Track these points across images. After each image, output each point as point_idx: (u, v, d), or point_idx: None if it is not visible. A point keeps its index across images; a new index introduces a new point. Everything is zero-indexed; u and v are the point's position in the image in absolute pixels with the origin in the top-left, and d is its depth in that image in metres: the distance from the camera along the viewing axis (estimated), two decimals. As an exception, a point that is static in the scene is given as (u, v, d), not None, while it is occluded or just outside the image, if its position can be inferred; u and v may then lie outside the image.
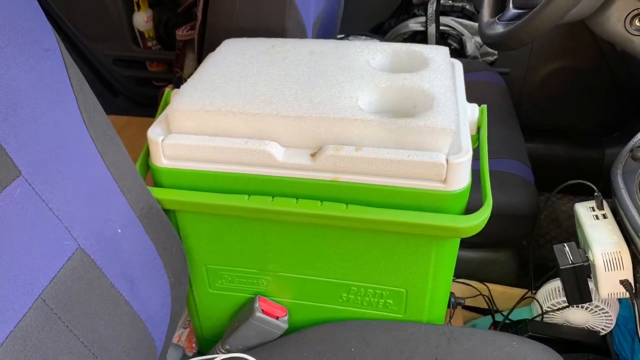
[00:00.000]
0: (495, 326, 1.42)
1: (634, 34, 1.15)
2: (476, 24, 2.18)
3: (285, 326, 1.07)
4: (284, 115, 0.89)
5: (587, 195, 1.17)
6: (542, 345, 0.98)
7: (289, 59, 1.05)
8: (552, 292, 1.31)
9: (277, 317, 1.07)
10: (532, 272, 1.41)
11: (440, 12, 2.18)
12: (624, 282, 1.05)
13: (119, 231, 0.80)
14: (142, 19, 2.26)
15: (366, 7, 2.34)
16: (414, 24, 2.23)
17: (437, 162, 0.84)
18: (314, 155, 0.89)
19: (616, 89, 2.12)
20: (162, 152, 0.94)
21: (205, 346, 1.25)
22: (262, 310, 1.05)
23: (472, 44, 2.17)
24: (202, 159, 0.93)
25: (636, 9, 1.13)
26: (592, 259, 1.07)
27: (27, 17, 0.66)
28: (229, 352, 1.10)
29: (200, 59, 1.42)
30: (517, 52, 2.10)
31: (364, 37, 2.31)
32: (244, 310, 1.09)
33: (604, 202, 1.13)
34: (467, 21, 2.20)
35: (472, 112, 1.02)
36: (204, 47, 1.38)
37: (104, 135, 0.79)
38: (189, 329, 1.35)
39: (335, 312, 1.07)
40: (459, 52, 2.21)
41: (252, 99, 0.92)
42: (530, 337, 1.27)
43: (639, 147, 1.09)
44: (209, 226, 1.00)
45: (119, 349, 0.79)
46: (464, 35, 2.19)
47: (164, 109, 1.04)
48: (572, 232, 2.05)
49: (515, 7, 1.31)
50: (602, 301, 1.25)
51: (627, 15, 1.14)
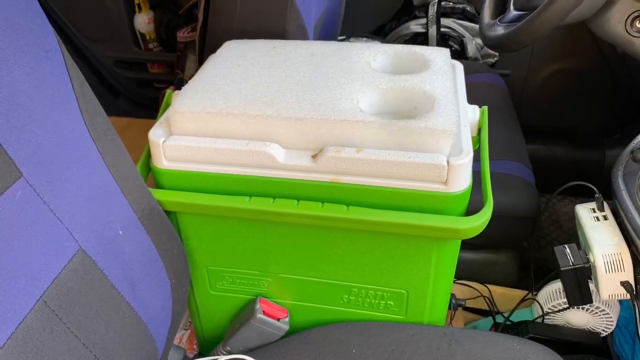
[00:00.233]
0: (496, 327, 1.42)
1: (634, 36, 1.14)
2: (477, 26, 2.18)
3: (286, 327, 1.07)
4: (285, 116, 0.89)
5: (587, 196, 1.17)
6: (542, 346, 0.98)
7: (290, 60, 1.05)
8: (552, 293, 1.31)
9: (278, 319, 1.07)
10: (532, 274, 1.41)
11: (441, 13, 2.18)
12: (625, 284, 1.05)
13: (120, 233, 0.80)
14: (143, 21, 2.25)
15: (367, 9, 2.34)
16: (415, 26, 2.23)
17: (438, 163, 0.84)
18: (315, 156, 0.89)
19: (617, 91, 2.12)
20: (163, 154, 0.94)
21: (206, 347, 1.25)
22: (263, 311, 1.05)
23: (472, 45, 2.17)
24: (203, 161, 0.93)
25: (637, 11, 1.13)
26: (592, 261, 1.07)
27: (28, 19, 0.66)
28: (230, 353, 1.10)
29: (201, 61, 1.42)
30: (518, 54, 2.10)
31: (365, 38, 2.31)
32: (245, 311, 1.09)
33: (605, 204, 1.13)
34: (468, 23, 2.20)
35: (473, 113, 1.02)
36: (205, 49, 1.38)
37: (105, 136, 0.79)
38: (190, 331, 1.35)
39: (336, 314, 1.07)
40: (459, 53, 2.21)
41: (253, 100, 0.93)
42: (531, 338, 1.27)
43: (640, 148, 1.09)
44: (210, 228, 1.00)
45: (120, 350, 0.79)
46: (464, 36, 2.19)
47: (165, 110, 1.04)
48: (572, 234, 2.05)
49: (516, 8, 1.32)
50: (602, 302, 1.25)
51: (628, 16, 1.14)
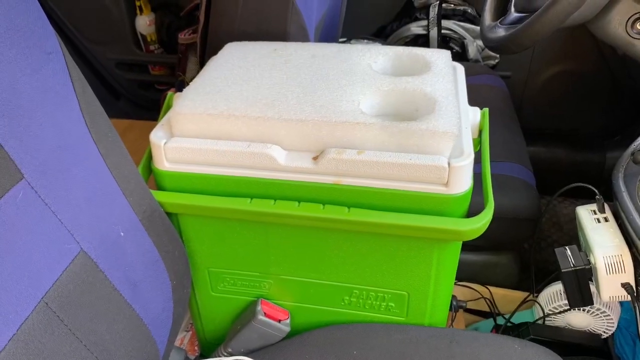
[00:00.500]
0: (497, 329, 1.42)
1: (635, 38, 1.15)
2: (478, 28, 2.18)
3: (287, 329, 1.07)
4: (286, 118, 0.89)
5: (588, 198, 1.17)
6: (543, 348, 0.98)
7: (291, 62, 1.05)
8: (553, 295, 1.31)
9: (280, 320, 1.07)
10: (533, 275, 1.41)
11: (442, 15, 2.18)
12: (626, 285, 1.05)
13: (122, 234, 0.80)
14: (144, 23, 2.26)
15: (368, 11, 2.34)
16: (416, 28, 2.23)
17: (439, 165, 0.84)
18: (316, 158, 0.89)
19: (617, 93, 2.12)
20: (165, 156, 0.94)
21: (207, 349, 1.25)
22: (265, 313, 1.05)
23: (473, 47, 2.17)
24: (204, 162, 0.93)
25: (637, 13, 1.13)
26: (593, 262, 1.07)
27: (30, 21, 0.66)
28: (231, 355, 1.10)
29: (202, 63, 1.42)
30: (519, 56, 2.10)
31: (366, 40, 2.31)
32: (246, 313, 1.09)
33: (606, 205, 1.13)
34: (468, 25, 2.20)
35: (474, 115, 1.02)
36: (207, 51, 1.38)
37: (107, 138, 0.79)
38: (191, 332, 1.35)
39: (337, 315, 1.07)
40: (460, 55, 2.21)
41: (255, 102, 0.93)
42: (531, 340, 1.27)
43: (640, 150, 1.09)
44: (211, 229, 1.01)
45: (122, 351, 0.79)
46: (465, 38, 2.19)
47: (166, 112, 1.04)
48: (573, 235, 2.05)
49: (516, 10, 1.32)
50: (603, 304, 1.25)
51: (629, 18, 1.14)
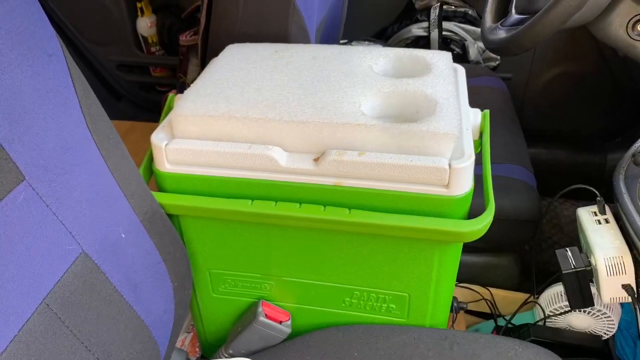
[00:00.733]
0: (497, 331, 1.42)
1: (636, 39, 1.15)
2: (479, 29, 2.18)
3: (288, 330, 1.08)
4: (287, 120, 0.89)
5: (589, 200, 1.17)
6: (544, 349, 0.98)
7: (292, 64, 1.05)
8: (554, 296, 1.31)
9: (281, 322, 1.07)
10: (534, 277, 1.41)
11: (442, 17, 2.18)
12: (626, 287, 1.05)
13: (123, 236, 0.80)
14: (145, 24, 2.26)
15: (369, 13, 2.34)
16: (417, 29, 2.23)
17: (440, 167, 0.84)
18: (317, 160, 0.89)
19: (618, 94, 2.12)
20: (166, 157, 0.94)
21: (208, 350, 1.25)
22: (266, 314, 1.05)
23: (474, 49, 2.17)
24: (205, 164, 0.93)
25: (638, 14, 1.13)
26: (594, 264, 1.07)
27: (31, 22, 0.66)
28: (232, 356, 1.10)
29: (203, 64, 1.42)
30: (520, 57, 2.10)
31: (366, 42, 2.31)
32: (248, 314, 1.09)
33: (606, 207, 1.13)
34: (469, 26, 2.20)
35: (475, 117, 1.02)
36: (207, 53, 1.39)
37: (108, 140, 0.79)
38: (192, 334, 1.35)
39: (338, 317, 1.07)
40: (461, 57, 2.21)
41: (256, 104, 0.93)
42: (532, 341, 1.27)
43: (641, 152, 1.09)
44: (212, 231, 1.01)
45: (123, 353, 0.79)
46: (466, 40, 2.19)
47: (167, 114, 1.04)
48: (574, 237, 2.05)
49: (517, 12, 1.32)
50: (604, 306, 1.25)
51: (630, 20, 1.14)
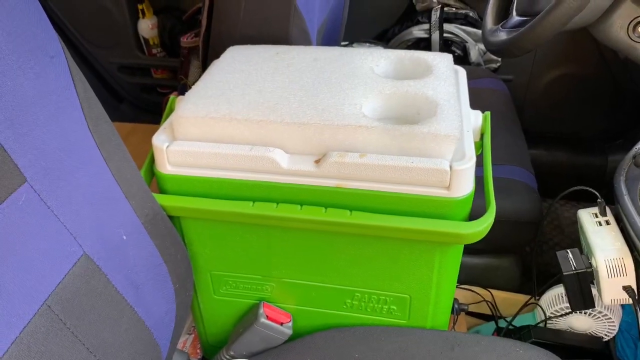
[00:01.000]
0: (498, 332, 1.42)
1: (636, 41, 1.15)
2: (480, 31, 2.18)
3: (289, 332, 1.08)
4: (289, 122, 0.89)
5: (590, 201, 1.17)
6: (545, 351, 0.98)
7: (293, 66, 1.06)
8: (555, 298, 1.31)
9: (282, 323, 1.07)
10: (535, 278, 1.41)
11: (444, 19, 2.19)
12: (627, 289, 1.05)
13: (124, 238, 0.80)
14: (147, 26, 2.26)
15: (370, 15, 2.34)
16: (418, 31, 2.23)
17: (441, 168, 0.84)
18: (318, 161, 0.90)
19: (619, 96, 2.12)
20: (167, 159, 0.94)
21: (209, 352, 1.25)
22: (267, 316, 1.05)
23: (475, 51, 2.17)
24: (206, 166, 0.93)
25: (639, 16, 1.13)
26: (595, 265, 1.07)
27: (32, 24, 0.66)
28: (234, 358, 1.11)
29: (204, 66, 1.42)
30: (521, 59, 2.10)
31: (367, 44, 2.31)
32: (249, 316, 1.09)
33: (607, 209, 1.13)
34: (470, 28, 2.20)
35: (476, 118, 1.03)
36: (209, 54, 1.39)
37: (109, 141, 0.79)
38: (193, 335, 1.35)
39: (339, 318, 1.07)
40: (462, 59, 2.21)
41: (257, 105, 0.93)
42: (533, 343, 1.27)
43: (642, 154, 1.09)
44: (213, 232, 1.01)
45: (124, 355, 0.79)
46: (467, 42, 2.19)
47: (168, 115, 1.04)
48: (575, 239, 2.04)
49: (518, 14, 1.32)
50: (605, 307, 1.25)
51: (630, 22, 1.14)
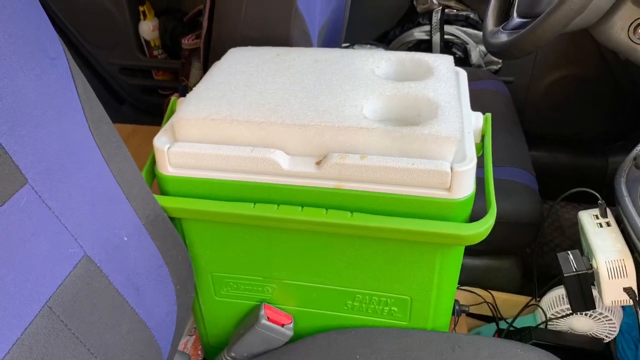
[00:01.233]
0: (499, 333, 1.42)
1: (637, 43, 1.15)
2: (480, 33, 2.17)
3: (290, 333, 1.08)
4: (290, 123, 0.89)
5: (590, 203, 1.17)
6: (546, 352, 0.98)
7: (294, 67, 1.06)
8: (556, 299, 1.31)
9: (283, 325, 1.07)
10: (536, 280, 1.41)
11: (444, 21, 2.19)
12: (628, 290, 1.05)
13: (125, 239, 0.80)
14: (148, 28, 2.26)
15: (371, 16, 2.34)
16: (419, 33, 2.23)
17: (442, 170, 0.84)
18: (319, 163, 0.90)
19: (620, 98, 2.12)
20: (168, 160, 0.94)
21: (210, 353, 1.25)
22: (268, 317, 1.06)
23: (476, 52, 2.17)
24: (207, 167, 0.93)
25: (640, 18, 1.13)
26: (595, 267, 1.07)
27: (34, 26, 0.67)
28: (235, 359, 1.11)
29: (205, 68, 1.42)
30: (521, 61, 2.10)
31: (368, 45, 2.31)
32: (250, 317, 1.10)
33: (608, 210, 1.13)
34: (471, 30, 2.20)
35: (477, 120, 1.03)
36: (210, 56, 1.39)
37: (110, 143, 0.79)
38: (194, 336, 1.35)
39: (340, 320, 1.07)
40: (463, 60, 2.21)
41: (258, 107, 0.93)
42: (534, 344, 1.26)
43: (643, 155, 1.09)
44: (214, 234, 1.01)
45: (125, 356, 0.79)
46: (468, 44, 2.19)
47: (169, 117, 1.04)
48: (576, 240, 2.04)
49: (519, 16, 1.32)
50: (605, 309, 1.25)
51: (631, 24, 1.14)
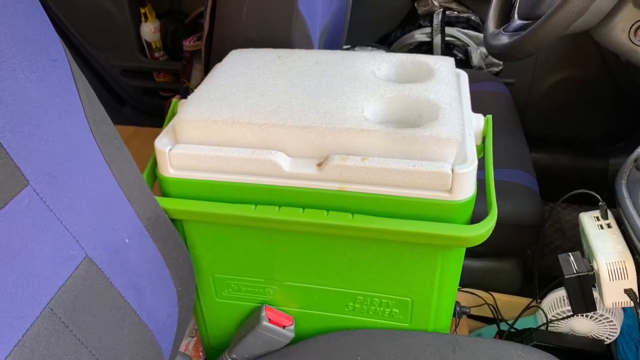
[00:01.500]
0: (500, 335, 1.42)
1: (638, 45, 1.15)
2: (481, 35, 2.18)
3: (291, 335, 1.08)
4: (291, 125, 0.89)
5: (591, 205, 1.17)
6: (546, 354, 0.98)
7: (295, 69, 1.06)
8: (556, 301, 1.31)
9: (284, 326, 1.07)
10: (537, 281, 1.41)
11: (445, 22, 2.19)
12: (628, 292, 1.05)
13: (127, 241, 0.80)
14: (149, 30, 2.27)
15: (372, 18, 2.34)
16: (420, 35, 2.23)
17: (443, 172, 0.84)
18: (320, 165, 0.90)
19: (620, 99, 2.12)
20: (169, 162, 0.94)
21: (212, 355, 1.25)
22: (269, 319, 1.05)
23: (477, 54, 2.18)
24: (209, 169, 0.93)
25: (641, 20, 1.13)
26: (596, 269, 1.07)
27: (35, 28, 0.67)
28: (235, 361, 1.11)
29: (207, 70, 1.42)
30: (522, 63, 2.10)
31: (370, 47, 2.32)
32: (251, 319, 1.10)
33: (609, 212, 1.13)
34: (472, 32, 2.20)
35: (478, 122, 1.03)
36: (211, 58, 1.39)
37: (111, 145, 0.79)
38: (195, 338, 1.36)
39: (341, 321, 1.07)
40: (464, 62, 2.21)
41: (259, 109, 0.93)
42: (535, 346, 1.27)
43: (644, 157, 1.09)
44: (215, 236, 1.01)
45: (126, 357, 0.79)
46: (469, 45, 2.19)
47: (171, 119, 1.05)
48: (576, 242, 2.05)
49: (520, 18, 1.32)
50: (606, 310, 1.25)
51: (632, 25, 1.14)
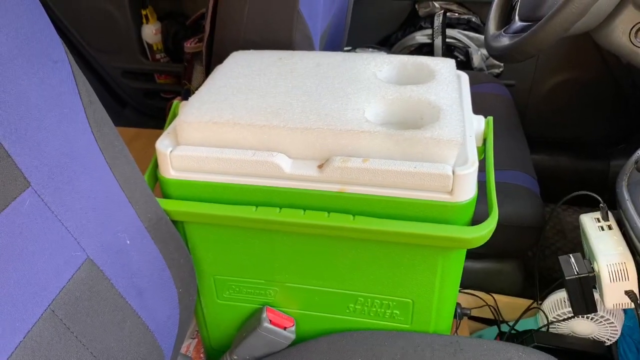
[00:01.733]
0: (501, 337, 1.42)
1: (638, 46, 1.15)
2: (482, 37, 2.18)
3: (292, 337, 1.08)
4: (292, 127, 0.89)
5: (592, 206, 1.17)
6: (547, 355, 0.98)
7: (296, 71, 1.06)
8: (557, 302, 1.31)
9: (285, 328, 1.07)
10: (537, 283, 1.41)
11: (446, 24, 2.19)
12: (629, 293, 1.05)
13: (128, 242, 0.80)
14: (150, 32, 2.27)
15: (373, 20, 2.34)
16: (421, 37, 2.23)
17: (444, 173, 0.84)
18: (321, 166, 0.90)
19: (621, 101, 2.12)
20: (171, 164, 0.94)
21: (213, 356, 1.25)
22: (270, 320, 1.06)
23: (478, 56, 2.18)
24: (210, 171, 0.93)
25: (641, 21, 1.13)
26: (597, 270, 1.07)
27: (36, 29, 0.67)
28: (236, 362, 1.11)
29: (208, 71, 1.43)
30: (523, 64, 2.10)
31: (370, 49, 2.32)
32: (252, 320, 1.10)
33: (609, 214, 1.13)
34: (473, 33, 2.20)
35: (478, 123, 1.03)
36: (212, 60, 1.39)
37: (113, 146, 0.79)
38: (197, 339, 1.36)
39: (342, 323, 1.07)
40: (465, 64, 2.21)
41: (260, 111, 0.93)
42: (536, 347, 1.27)
43: (644, 158, 1.09)
44: (216, 237, 1.01)
45: (128, 359, 0.79)
46: (470, 47, 2.19)
47: (172, 121, 1.05)
48: (577, 243, 2.05)
49: (521, 19, 1.32)
50: (607, 312, 1.25)
51: (632, 27, 1.14)
